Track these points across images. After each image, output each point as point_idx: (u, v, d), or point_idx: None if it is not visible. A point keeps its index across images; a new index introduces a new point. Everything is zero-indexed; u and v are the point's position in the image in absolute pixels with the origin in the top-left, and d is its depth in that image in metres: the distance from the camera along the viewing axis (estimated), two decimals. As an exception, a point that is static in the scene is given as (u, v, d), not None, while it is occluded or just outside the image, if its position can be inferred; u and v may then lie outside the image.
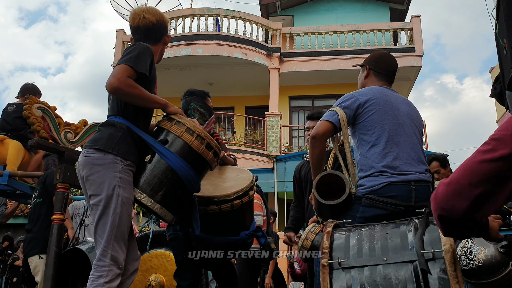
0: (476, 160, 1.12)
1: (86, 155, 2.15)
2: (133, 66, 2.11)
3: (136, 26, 2.39)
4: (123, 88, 2.07)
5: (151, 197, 2.13)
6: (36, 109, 2.96)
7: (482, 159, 1.11)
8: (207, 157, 2.23)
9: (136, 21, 2.38)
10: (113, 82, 2.07)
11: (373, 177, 2.22)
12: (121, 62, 2.13)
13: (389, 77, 2.54)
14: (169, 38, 2.51)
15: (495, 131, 1.13)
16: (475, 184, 1.10)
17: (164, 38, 2.46)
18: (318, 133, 2.28)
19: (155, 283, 3.62)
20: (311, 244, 2.59)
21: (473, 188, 1.10)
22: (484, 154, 1.11)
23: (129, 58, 2.14)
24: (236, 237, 2.68)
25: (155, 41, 2.41)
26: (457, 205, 1.13)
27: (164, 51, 2.54)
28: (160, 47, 2.46)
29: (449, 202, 1.14)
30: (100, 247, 2.07)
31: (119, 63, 2.14)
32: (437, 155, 4.06)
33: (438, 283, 1.56)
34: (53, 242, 2.89)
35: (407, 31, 13.51)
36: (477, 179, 1.10)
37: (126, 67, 2.10)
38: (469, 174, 1.12)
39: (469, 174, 1.12)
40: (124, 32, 14.02)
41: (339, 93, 13.64)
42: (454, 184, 1.14)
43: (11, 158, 4.31)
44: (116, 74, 2.08)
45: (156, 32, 2.41)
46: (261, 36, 13.43)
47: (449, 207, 1.14)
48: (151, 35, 2.39)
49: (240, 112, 14.13)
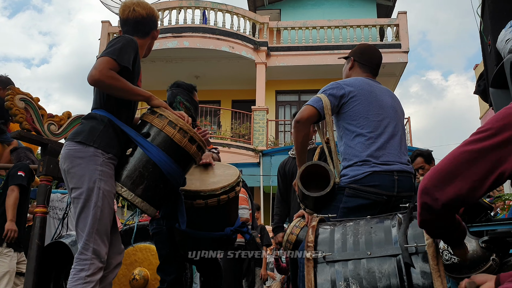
0: (461, 149, 1.14)
1: (68, 148, 2.14)
2: (116, 59, 2.09)
3: (125, 18, 2.37)
4: (105, 80, 2.05)
5: (131, 191, 2.12)
6: (19, 100, 2.90)
7: (467, 148, 1.13)
8: (190, 150, 2.21)
9: (125, 13, 2.36)
10: (95, 74, 2.05)
11: (356, 167, 2.24)
12: (104, 54, 2.11)
13: (374, 69, 2.57)
14: (157, 33, 2.48)
15: (484, 123, 1.15)
16: (458, 171, 1.13)
17: (153, 33, 2.44)
18: (302, 118, 2.29)
19: (139, 276, 3.60)
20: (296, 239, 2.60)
21: (457, 175, 1.13)
22: (470, 144, 1.13)
23: (113, 50, 2.11)
24: (221, 232, 2.67)
25: (143, 35, 2.39)
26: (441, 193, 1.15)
27: (153, 45, 2.51)
28: (148, 41, 2.43)
29: (434, 188, 1.16)
30: (82, 241, 2.05)
31: (102, 55, 2.12)
32: (421, 150, 4.09)
33: (421, 277, 1.58)
34: (36, 235, 2.85)
35: (394, 27, 13.60)
36: (460, 166, 1.13)
37: (108, 59, 2.08)
38: (452, 162, 1.15)
39: (453, 162, 1.14)
40: (110, 23, 13.85)
41: (325, 88, 13.67)
42: (439, 170, 1.16)
43: None
44: (98, 66, 2.06)
45: (145, 25, 2.38)
46: (248, 30, 13.39)
47: (434, 193, 1.16)
48: (139, 28, 2.37)
49: (227, 106, 14.09)
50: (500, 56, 2.53)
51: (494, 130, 1.11)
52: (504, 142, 1.09)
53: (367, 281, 1.61)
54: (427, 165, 4.08)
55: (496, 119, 1.13)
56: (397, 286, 1.57)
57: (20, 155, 4.16)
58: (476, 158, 1.12)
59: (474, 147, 1.13)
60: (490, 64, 2.82)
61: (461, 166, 1.13)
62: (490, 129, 1.12)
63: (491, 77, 2.66)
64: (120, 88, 2.10)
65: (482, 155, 1.11)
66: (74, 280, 2.01)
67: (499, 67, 2.49)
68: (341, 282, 1.64)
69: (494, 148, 1.10)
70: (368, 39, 13.39)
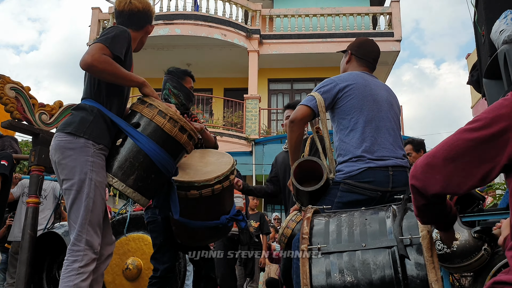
0: (455, 137, 1.15)
1: (58, 139, 2.13)
2: (109, 47, 2.08)
3: (121, 10, 2.36)
4: (97, 64, 2.03)
5: (122, 181, 2.12)
6: (9, 89, 2.85)
7: (462, 136, 1.13)
8: (181, 140, 2.20)
9: (121, 5, 2.35)
10: (87, 58, 2.03)
11: (351, 163, 2.24)
12: (97, 42, 2.11)
13: (371, 63, 2.55)
14: (152, 28, 2.46)
15: (481, 113, 1.15)
16: (449, 159, 1.13)
17: (147, 27, 2.43)
18: (297, 118, 2.28)
19: (132, 266, 3.61)
20: (291, 233, 2.62)
21: (447, 163, 1.13)
22: (465, 132, 1.14)
23: (106, 38, 2.11)
24: (217, 221, 2.68)
25: (138, 28, 2.38)
26: (430, 179, 1.16)
27: (145, 40, 2.49)
28: (141, 35, 2.42)
29: (424, 174, 1.17)
30: (75, 232, 2.05)
31: (95, 42, 2.11)
32: (413, 138, 4.18)
33: (415, 268, 1.59)
34: (28, 225, 2.83)
35: (386, 16, 13.56)
36: (452, 154, 1.13)
37: (101, 45, 2.08)
38: (446, 149, 1.15)
39: (446, 149, 1.15)
40: (100, 10, 13.65)
41: (318, 76, 13.66)
42: (430, 157, 1.17)
43: None
44: (91, 51, 2.05)
45: (139, 19, 2.38)
46: (240, 17, 13.28)
47: (424, 178, 1.17)
48: (134, 21, 2.36)
49: (219, 94, 14.03)
50: (494, 46, 2.53)
51: (487, 121, 1.11)
52: (497, 134, 1.09)
53: (362, 273, 1.62)
54: (414, 153, 4.17)
55: (491, 110, 1.13)
56: (391, 277, 1.58)
57: (4, 143, 4.12)
58: (469, 147, 1.12)
59: (468, 136, 1.13)
60: (483, 54, 2.83)
61: (455, 153, 1.13)
62: (484, 119, 1.12)
63: (485, 67, 2.66)
64: (113, 73, 2.08)
65: (475, 145, 1.11)
66: (68, 271, 2.01)
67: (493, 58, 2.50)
68: (336, 273, 1.65)
69: (487, 139, 1.10)
70: (361, 27, 13.35)
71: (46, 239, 3.25)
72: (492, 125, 1.10)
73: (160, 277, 2.88)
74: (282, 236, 2.67)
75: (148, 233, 3.54)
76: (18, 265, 2.79)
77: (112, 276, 3.63)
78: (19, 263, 2.78)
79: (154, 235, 2.98)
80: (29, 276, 2.75)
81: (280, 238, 2.69)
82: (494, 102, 1.16)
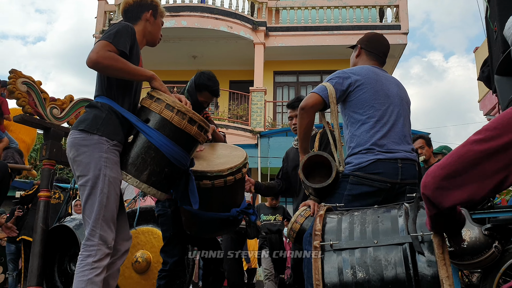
0: (465, 148, 1.15)
1: (73, 137, 2.16)
2: (112, 42, 2.10)
3: (121, 13, 2.44)
4: (102, 61, 2.06)
5: (136, 178, 2.13)
6: (21, 84, 2.87)
7: (472, 148, 1.13)
8: (191, 131, 2.21)
9: (121, 8, 2.42)
10: (92, 56, 2.06)
11: (360, 155, 2.25)
12: (100, 39, 2.13)
13: (381, 57, 2.55)
14: (150, 13, 2.42)
15: (489, 122, 1.15)
16: (460, 171, 1.14)
17: (145, 15, 2.41)
18: (307, 105, 2.29)
19: (141, 259, 3.64)
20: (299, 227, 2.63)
21: (458, 175, 1.14)
22: (475, 143, 1.13)
23: (109, 35, 2.14)
24: (227, 213, 2.69)
25: (134, 20, 2.39)
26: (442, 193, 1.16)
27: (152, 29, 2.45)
28: (141, 25, 2.41)
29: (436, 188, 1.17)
30: (89, 227, 2.08)
31: (98, 40, 2.14)
32: (422, 134, 4.24)
33: (427, 265, 1.60)
34: (40, 219, 2.86)
35: (393, 8, 13.47)
36: (463, 166, 1.13)
37: (105, 42, 2.10)
38: (456, 161, 1.15)
39: (457, 161, 1.15)
40: (106, 1, 13.64)
41: (324, 69, 13.62)
42: (441, 169, 1.17)
43: None
44: (95, 49, 2.07)
45: (132, 11, 2.40)
46: (246, 9, 13.23)
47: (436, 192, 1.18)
48: (128, 15, 2.40)
49: (224, 86, 14.00)
50: (507, 43, 2.52)
51: (497, 131, 1.10)
52: (509, 143, 1.09)
53: (374, 269, 1.64)
54: (426, 147, 4.25)
55: (500, 120, 1.12)
56: (403, 274, 1.60)
57: (7, 154, 4.27)
58: (480, 158, 1.12)
59: (478, 147, 1.12)
60: (495, 51, 2.81)
61: (466, 166, 1.13)
62: (493, 130, 1.11)
63: (497, 64, 2.65)
64: (120, 68, 2.10)
65: (486, 156, 1.11)
66: (82, 266, 2.04)
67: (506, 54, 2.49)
68: (348, 270, 1.67)
69: (498, 149, 1.09)
70: (368, 19, 13.27)
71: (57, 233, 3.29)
72: (502, 135, 1.09)
73: (170, 270, 2.91)
74: (291, 231, 2.68)
75: (157, 226, 3.57)
76: (30, 258, 2.83)
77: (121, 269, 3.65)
78: (32, 255, 2.82)
79: (164, 228, 3.00)
80: (42, 269, 2.79)
81: (289, 233, 2.71)
82: (506, 99, 1.16)
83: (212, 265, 3.09)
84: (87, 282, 2.01)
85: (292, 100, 3.55)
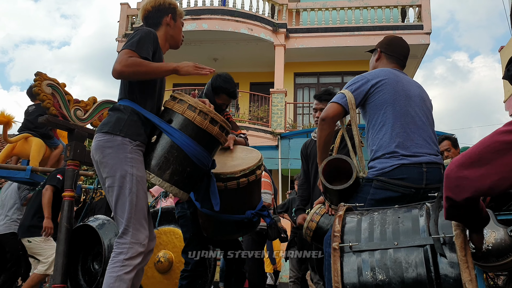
0: (492, 139, 1.13)
1: (97, 140, 2.21)
2: (135, 50, 2.16)
3: (141, 20, 2.48)
4: (126, 69, 2.12)
5: (159, 176, 2.17)
6: (46, 86, 2.95)
7: (498, 138, 1.12)
8: (213, 131, 2.24)
9: (140, 16, 2.46)
10: (116, 67, 2.12)
11: (384, 159, 2.21)
12: (123, 48, 2.18)
13: (401, 60, 2.52)
14: (169, 17, 2.45)
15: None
16: (484, 160, 1.12)
17: (165, 20, 2.44)
18: (328, 116, 2.27)
19: (164, 259, 3.68)
20: (316, 226, 2.62)
21: (482, 164, 1.12)
22: (501, 134, 1.12)
23: (131, 43, 2.19)
24: (242, 215, 2.70)
25: (155, 26, 2.43)
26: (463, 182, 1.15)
27: (175, 33, 2.49)
28: (163, 30, 2.44)
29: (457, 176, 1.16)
30: (122, 226, 2.13)
31: (122, 49, 2.19)
32: (449, 135, 4.20)
33: (449, 267, 1.57)
34: (64, 218, 2.93)
35: (416, 8, 13.29)
36: (487, 156, 1.12)
37: (128, 51, 2.16)
38: (481, 150, 1.14)
39: (482, 150, 1.14)
40: (129, 5, 13.85)
41: (345, 70, 13.53)
42: (465, 157, 1.16)
43: (34, 155, 4.92)
44: (118, 59, 2.14)
45: (152, 18, 2.43)
46: (267, 12, 13.25)
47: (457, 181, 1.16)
48: (149, 22, 2.44)
49: (245, 88, 14.06)
50: (532, 41, 2.46)
51: None
52: None
53: (394, 271, 1.62)
54: (453, 149, 4.23)
55: None
56: (424, 276, 1.57)
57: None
58: (505, 149, 1.10)
59: (504, 138, 1.11)
60: (520, 49, 2.75)
61: (491, 155, 1.12)
62: None
63: (522, 63, 2.59)
64: (144, 71, 2.16)
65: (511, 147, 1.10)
66: (113, 262, 2.09)
67: (531, 53, 2.43)
68: (368, 271, 1.65)
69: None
70: (389, 20, 13.12)
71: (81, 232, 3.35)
72: None
73: (192, 270, 2.94)
74: (307, 229, 2.67)
75: (179, 227, 3.60)
76: (55, 256, 2.89)
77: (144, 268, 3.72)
78: (57, 254, 2.88)
79: (184, 229, 3.03)
80: (66, 267, 2.85)
81: (306, 232, 2.70)
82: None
83: (234, 265, 3.10)
84: (116, 279, 2.05)
85: (321, 91, 3.53)
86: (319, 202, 2.76)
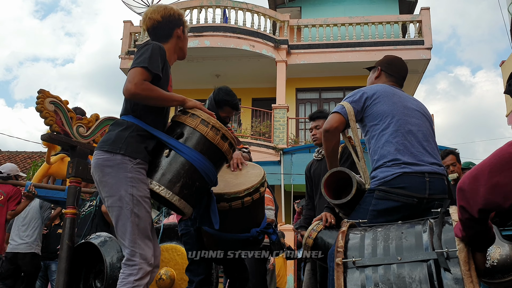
0: (504, 150, 1.14)
1: (96, 158, 2.16)
2: (148, 67, 2.10)
3: (146, 29, 2.39)
4: (140, 92, 2.08)
5: (169, 189, 2.12)
6: (49, 103, 2.96)
7: (509, 149, 1.12)
8: (223, 148, 2.24)
9: (145, 23, 2.38)
10: (130, 87, 2.07)
11: (385, 168, 2.21)
12: (135, 65, 2.12)
13: (400, 80, 2.58)
14: (181, 30, 2.41)
15: None
16: (495, 171, 1.12)
17: (176, 32, 2.38)
18: (331, 126, 2.29)
19: (165, 276, 3.65)
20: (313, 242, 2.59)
21: (493, 176, 1.12)
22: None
23: (143, 59, 2.12)
24: (247, 234, 2.68)
25: (165, 38, 2.36)
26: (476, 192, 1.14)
27: (184, 44, 2.46)
28: (173, 43, 2.38)
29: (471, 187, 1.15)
30: (128, 248, 2.09)
31: (133, 66, 2.13)
32: (452, 149, 4.22)
33: (453, 282, 1.56)
34: (66, 236, 2.92)
35: (416, 24, 13.40)
36: (498, 166, 1.12)
37: (141, 70, 2.09)
38: (493, 161, 1.14)
39: (493, 162, 1.14)
40: (132, 23, 14.00)
41: (346, 85, 13.59)
42: (477, 169, 1.16)
43: None
44: (132, 79, 2.07)
45: (163, 29, 2.35)
46: (268, 28, 13.38)
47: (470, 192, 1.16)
48: (158, 33, 2.36)
49: (247, 104, 14.11)
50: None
51: None
52: None
53: (398, 286, 1.60)
54: (458, 164, 4.21)
55: None
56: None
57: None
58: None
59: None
60: (521, 63, 2.76)
61: (501, 167, 1.12)
62: None
63: (522, 77, 2.60)
64: (156, 98, 2.13)
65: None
66: (123, 284, 2.05)
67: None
68: (371, 287, 1.64)
69: None
70: (390, 35, 13.22)
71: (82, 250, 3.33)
72: None
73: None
74: (306, 246, 2.66)
75: (181, 244, 3.57)
76: (57, 274, 2.87)
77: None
78: (58, 272, 2.86)
79: (188, 246, 3.00)
80: (68, 285, 2.82)
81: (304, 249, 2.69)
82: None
83: (237, 283, 3.07)
84: None
85: (314, 112, 3.58)
86: (317, 219, 2.75)
